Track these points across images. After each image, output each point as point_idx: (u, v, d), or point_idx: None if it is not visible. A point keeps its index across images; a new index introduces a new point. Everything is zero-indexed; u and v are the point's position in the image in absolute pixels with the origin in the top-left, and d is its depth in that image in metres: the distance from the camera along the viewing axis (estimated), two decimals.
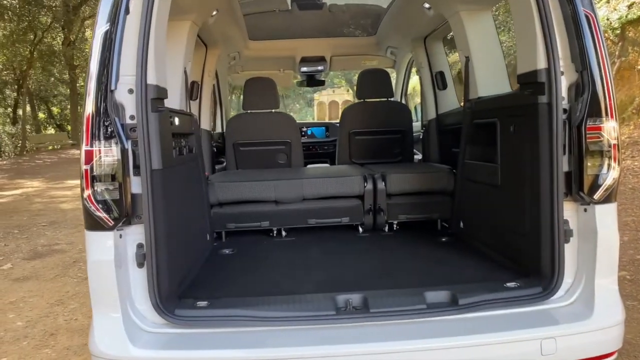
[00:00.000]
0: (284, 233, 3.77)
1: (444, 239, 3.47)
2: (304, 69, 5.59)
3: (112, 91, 2.13)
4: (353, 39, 5.33)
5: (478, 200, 3.21)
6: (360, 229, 3.79)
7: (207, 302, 2.29)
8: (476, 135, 3.30)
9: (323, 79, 6.13)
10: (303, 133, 6.24)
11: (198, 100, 4.53)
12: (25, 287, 5.00)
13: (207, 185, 3.50)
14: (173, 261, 2.35)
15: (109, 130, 2.11)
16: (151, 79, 2.21)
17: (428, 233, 3.68)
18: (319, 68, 5.62)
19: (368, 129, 4.63)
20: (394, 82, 5.50)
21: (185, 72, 3.35)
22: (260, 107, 4.50)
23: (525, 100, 2.48)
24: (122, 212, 2.14)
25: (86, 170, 2.11)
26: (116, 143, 2.12)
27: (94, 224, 2.14)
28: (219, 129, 5.70)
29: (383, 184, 3.69)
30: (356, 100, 4.80)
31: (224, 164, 4.80)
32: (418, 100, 5.91)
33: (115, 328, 2.13)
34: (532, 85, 2.41)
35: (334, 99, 38.56)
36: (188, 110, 3.45)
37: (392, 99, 4.72)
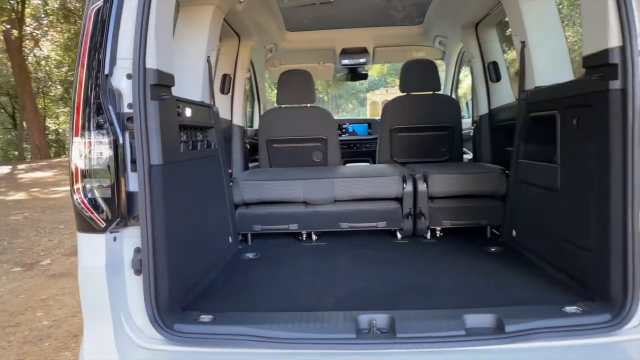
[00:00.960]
0: (314, 237, 3.47)
1: (492, 249, 3.05)
2: (345, 61, 5.26)
3: (106, 76, 1.90)
4: (398, 28, 4.94)
5: (534, 206, 2.78)
6: (399, 235, 3.43)
7: (211, 316, 2.02)
8: (532, 131, 2.87)
9: (366, 72, 5.77)
10: (344, 130, 5.92)
11: (230, 94, 4.30)
12: (59, 283, 4.95)
13: (230, 184, 3.25)
14: (177, 267, 2.10)
15: (102, 120, 1.88)
16: (151, 63, 1.96)
17: (475, 242, 3.27)
18: (361, 60, 5.27)
19: (411, 125, 4.25)
20: (442, 75, 5.08)
21: (208, 61, 3.11)
22: (295, 102, 4.22)
23: (593, 87, 2.06)
24: (116, 213, 1.90)
25: (76, 165, 1.89)
26: (109, 134, 1.88)
27: (85, 225, 1.91)
28: (256, 126, 5.47)
29: (424, 185, 3.32)
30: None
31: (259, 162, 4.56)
32: (469, 94, 5.44)
33: (106, 343, 1.90)
34: (601, 69, 1.99)
35: (387, 98, 37.88)
36: (212, 103, 3.21)
37: (439, 93, 4.31)
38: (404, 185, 3.31)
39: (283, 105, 4.25)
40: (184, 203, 2.26)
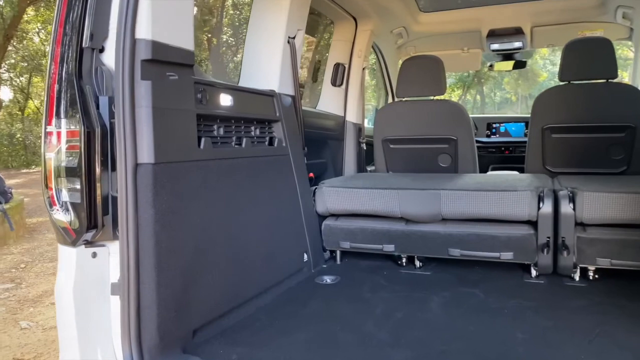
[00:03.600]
0: (417, 264, 2.73)
1: None
2: (495, 45, 4.28)
3: (87, 49, 1.51)
4: (563, 0, 3.83)
5: None
6: (533, 272, 2.50)
7: None
8: None
9: (524, 59, 4.69)
10: (494, 129, 4.92)
11: (344, 86, 3.76)
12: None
13: (310, 190, 2.70)
14: (177, 294, 1.63)
15: (76, 105, 1.49)
16: (143, 32, 1.51)
17: None
18: (515, 44, 4.24)
19: (572, 123, 3.19)
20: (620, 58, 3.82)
21: (290, 42, 2.60)
22: (419, 94, 3.48)
23: None
24: (88, 222, 1.50)
25: (49, 159, 1.53)
26: (83, 124, 1.48)
27: (59, 236, 1.55)
28: None
29: (571, 205, 2.35)
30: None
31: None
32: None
33: None
34: None
35: None
36: (296, 95, 2.70)
37: (614, 81, 3.17)
38: (540, 205, 2.39)
39: (404, 99, 3.56)
40: (203, 212, 1.78)
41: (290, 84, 2.66)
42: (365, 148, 4.00)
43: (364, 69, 3.86)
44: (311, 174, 2.83)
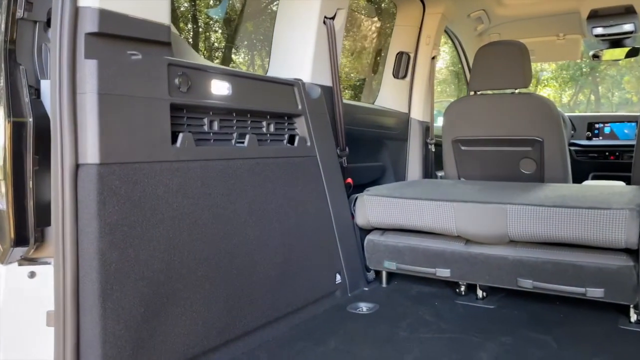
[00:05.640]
0: (480, 294, 2.20)
1: None
2: (598, 30, 3.52)
3: (24, 21, 1.24)
4: None
5: None
6: (633, 316, 1.88)
7: None
8: None
9: (638, 45, 3.86)
10: (596, 130, 4.14)
11: (409, 78, 3.28)
12: None
13: (343, 198, 2.28)
14: (136, 326, 1.31)
15: (4, 90, 1.21)
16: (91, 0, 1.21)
17: None
18: (625, 27, 3.46)
19: None
20: None
21: (326, 23, 2.20)
22: (496, 86, 2.92)
23: None
24: (15, 235, 1.22)
25: None
26: (8, 112, 1.20)
27: None
28: None
29: None
30: None
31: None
32: None
33: None
34: None
35: None
36: (334, 85, 2.30)
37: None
38: None
39: (479, 92, 3.01)
40: (178, 225, 1.44)
41: (327, 72, 2.26)
42: (434, 150, 3.48)
43: (433, 58, 3.35)
44: (349, 180, 2.40)
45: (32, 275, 1.27)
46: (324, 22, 2.20)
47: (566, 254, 1.93)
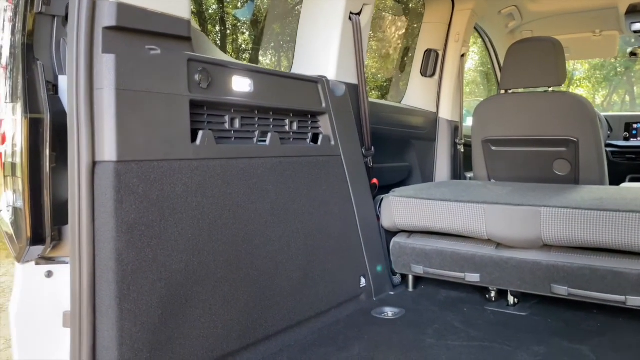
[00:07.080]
0: (511, 300, 2.10)
1: None
2: (637, 26, 3.37)
3: (43, 16, 1.22)
4: None
5: None
6: None
7: None
8: None
9: None
10: (635, 131, 3.96)
11: (437, 77, 3.19)
12: None
13: (368, 199, 2.21)
14: (154, 328, 1.28)
15: (21, 85, 1.19)
16: None
17: None
18: None
19: None
20: None
21: (352, 19, 2.15)
22: (528, 84, 2.81)
23: None
24: (32, 233, 1.20)
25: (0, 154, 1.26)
26: (25, 109, 1.18)
27: (10, 246, 1.27)
28: None
29: None
30: None
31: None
32: None
33: None
34: None
35: None
36: (360, 83, 2.24)
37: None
38: None
39: (510, 91, 2.90)
40: (198, 224, 1.40)
41: (352, 69, 2.20)
42: (463, 151, 3.38)
43: (462, 55, 3.25)
44: (374, 180, 2.33)
45: (49, 274, 1.25)
46: (350, 18, 2.15)
47: (605, 260, 1.82)
